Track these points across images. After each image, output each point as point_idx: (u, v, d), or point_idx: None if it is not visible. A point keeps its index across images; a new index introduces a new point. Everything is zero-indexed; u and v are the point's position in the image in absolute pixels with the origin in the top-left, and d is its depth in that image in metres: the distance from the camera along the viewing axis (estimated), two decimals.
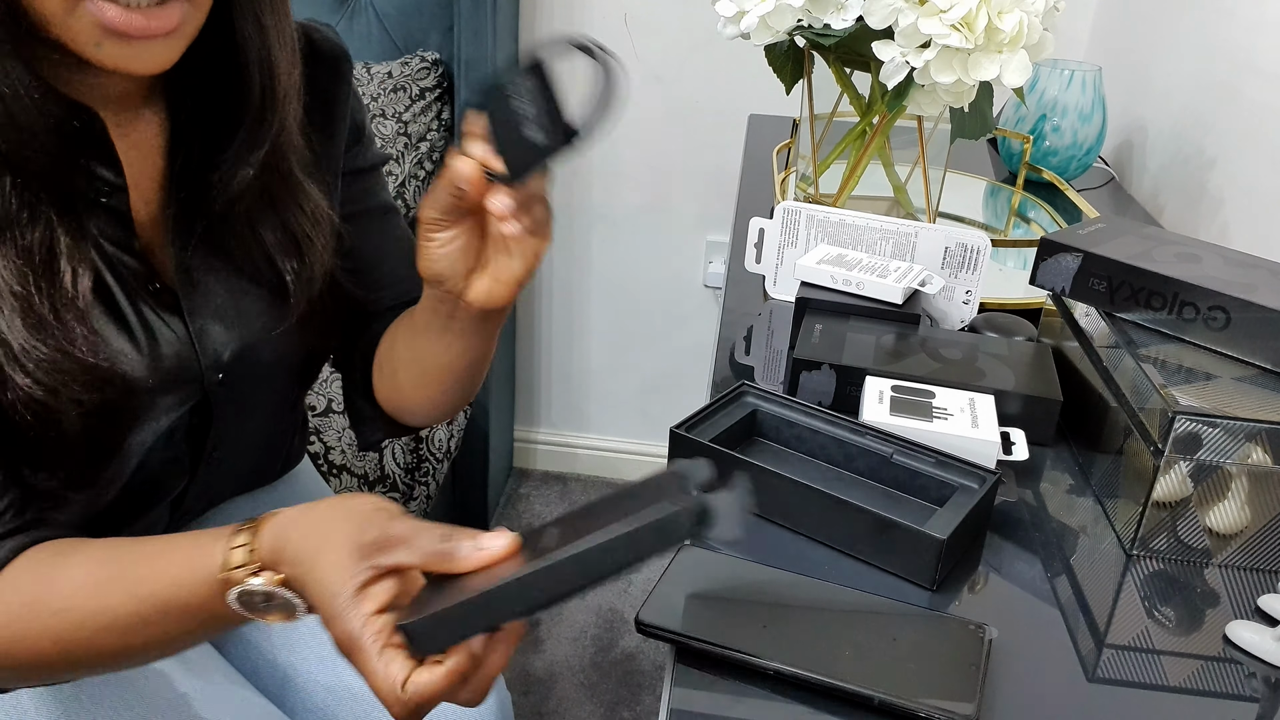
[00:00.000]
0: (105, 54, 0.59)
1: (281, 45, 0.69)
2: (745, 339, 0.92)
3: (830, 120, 1.08)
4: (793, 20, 0.94)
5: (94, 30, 0.58)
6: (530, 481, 2.09)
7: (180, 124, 0.71)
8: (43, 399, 0.60)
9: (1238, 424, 0.64)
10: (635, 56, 1.76)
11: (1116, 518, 0.71)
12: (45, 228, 0.62)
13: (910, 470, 0.70)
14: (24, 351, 0.59)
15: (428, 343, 0.74)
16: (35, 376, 0.60)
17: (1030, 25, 0.88)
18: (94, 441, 0.66)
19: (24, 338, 0.59)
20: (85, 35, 0.58)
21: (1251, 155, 1.11)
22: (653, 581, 0.61)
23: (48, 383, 0.60)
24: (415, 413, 0.83)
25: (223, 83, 0.69)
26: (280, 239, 0.73)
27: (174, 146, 0.71)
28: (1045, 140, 1.34)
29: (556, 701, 1.57)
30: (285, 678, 0.87)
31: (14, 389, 0.60)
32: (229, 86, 0.69)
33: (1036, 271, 0.82)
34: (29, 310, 0.60)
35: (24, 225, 0.61)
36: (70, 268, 0.62)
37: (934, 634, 0.58)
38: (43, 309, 0.60)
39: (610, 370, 2.03)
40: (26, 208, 0.61)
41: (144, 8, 0.58)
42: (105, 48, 0.59)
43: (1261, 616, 0.64)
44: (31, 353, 0.60)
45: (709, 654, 0.57)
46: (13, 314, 0.59)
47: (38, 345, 0.60)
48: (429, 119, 1.59)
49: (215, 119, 0.70)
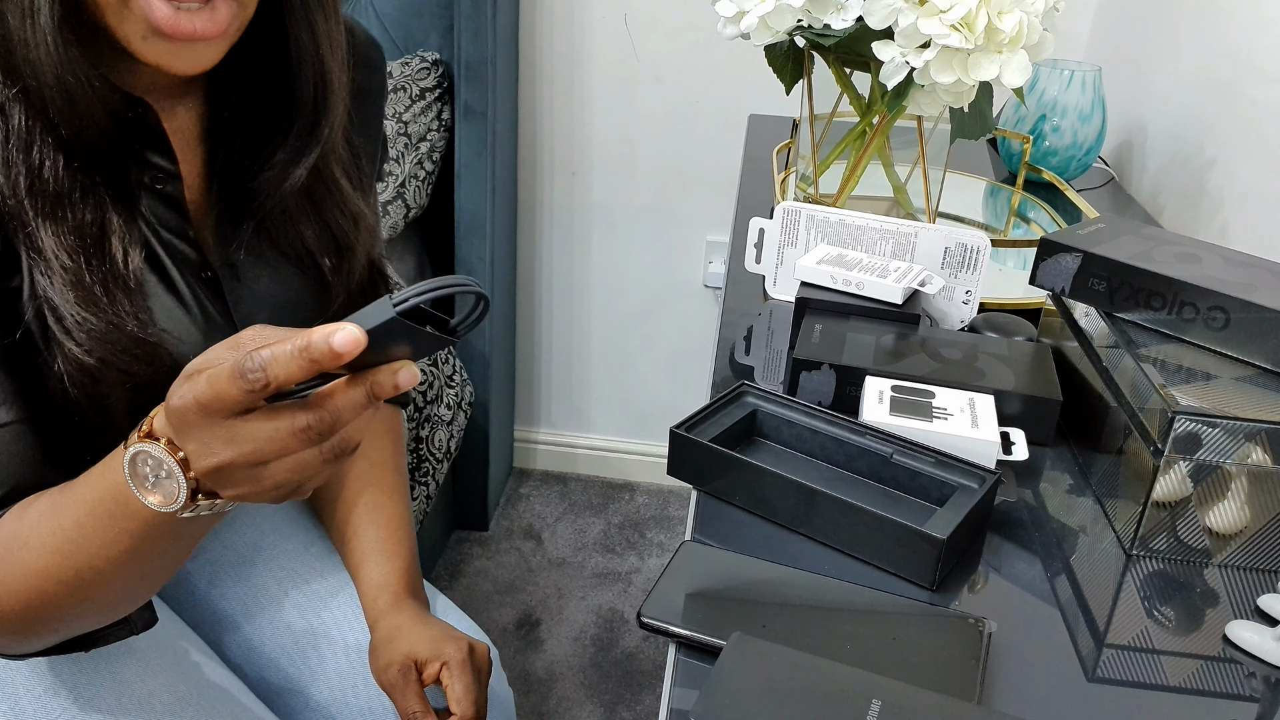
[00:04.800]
0: (150, 49, 0.61)
1: (334, 51, 0.71)
2: (745, 339, 0.92)
3: (830, 120, 1.08)
4: (793, 20, 0.94)
5: (142, 25, 0.60)
6: (530, 481, 2.09)
7: (221, 119, 0.73)
8: (93, 368, 0.62)
9: (1237, 424, 0.64)
10: (635, 56, 1.76)
11: (1116, 518, 0.71)
12: (98, 208, 0.64)
13: (910, 470, 0.70)
14: (76, 324, 0.62)
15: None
16: (86, 347, 0.62)
17: (1030, 25, 0.88)
18: (140, 418, 0.67)
19: (75, 310, 0.62)
20: (133, 28, 0.60)
21: (1251, 155, 1.11)
22: (654, 578, 0.61)
23: (98, 353, 0.62)
24: None
25: (271, 84, 0.70)
26: (320, 235, 0.75)
27: (213, 139, 0.73)
28: (1045, 140, 1.34)
29: (556, 701, 1.57)
30: (285, 680, 0.87)
31: (67, 358, 0.62)
32: (277, 88, 0.70)
33: (1036, 271, 0.82)
34: (79, 284, 0.62)
35: (77, 204, 0.63)
36: (121, 246, 0.65)
37: (934, 629, 0.58)
38: (92, 284, 0.63)
39: (610, 370, 2.03)
40: (80, 188, 0.63)
41: (192, 10, 0.60)
42: (150, 43, 0.61)
43: (1261, 616, 0.64)
44: (83, 324, 0.62)
45: (710, 650, 0.57)
46: (65, 287, 0.62)
47: (89, 318, 0.62)
48: (429, 119, 1.59)
49: (261, 118, 0.71)
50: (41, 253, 0.62)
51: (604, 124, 1.82)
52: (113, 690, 0.75)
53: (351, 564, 0.90)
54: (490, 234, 1.70)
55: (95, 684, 0.75)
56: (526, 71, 1.80)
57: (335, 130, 0.73)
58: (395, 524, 0.91)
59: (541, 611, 1.74)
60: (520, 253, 1.94)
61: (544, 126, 1.84)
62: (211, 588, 0.90)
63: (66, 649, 0.67)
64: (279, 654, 0.88)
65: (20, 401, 0.63)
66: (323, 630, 0.88)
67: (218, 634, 0.89)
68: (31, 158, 0.61)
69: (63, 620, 0.63)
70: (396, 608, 0.85)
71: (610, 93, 1.80)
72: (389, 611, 0.85)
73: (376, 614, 0.86)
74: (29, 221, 0.62)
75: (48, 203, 0.62)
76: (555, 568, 1.85)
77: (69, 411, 0.64)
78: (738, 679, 0.51)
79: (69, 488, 0.60)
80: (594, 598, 1.78)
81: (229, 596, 0.89)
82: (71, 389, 0.63)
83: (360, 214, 0.77)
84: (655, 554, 1.90)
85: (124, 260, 0.65)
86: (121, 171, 0.66)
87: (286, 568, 0.91)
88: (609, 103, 1.80)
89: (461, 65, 1.59)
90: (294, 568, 0.91)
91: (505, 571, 1.83)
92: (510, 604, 1.76)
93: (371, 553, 0.89)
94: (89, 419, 0.65)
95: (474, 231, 1.68)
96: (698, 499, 0.71)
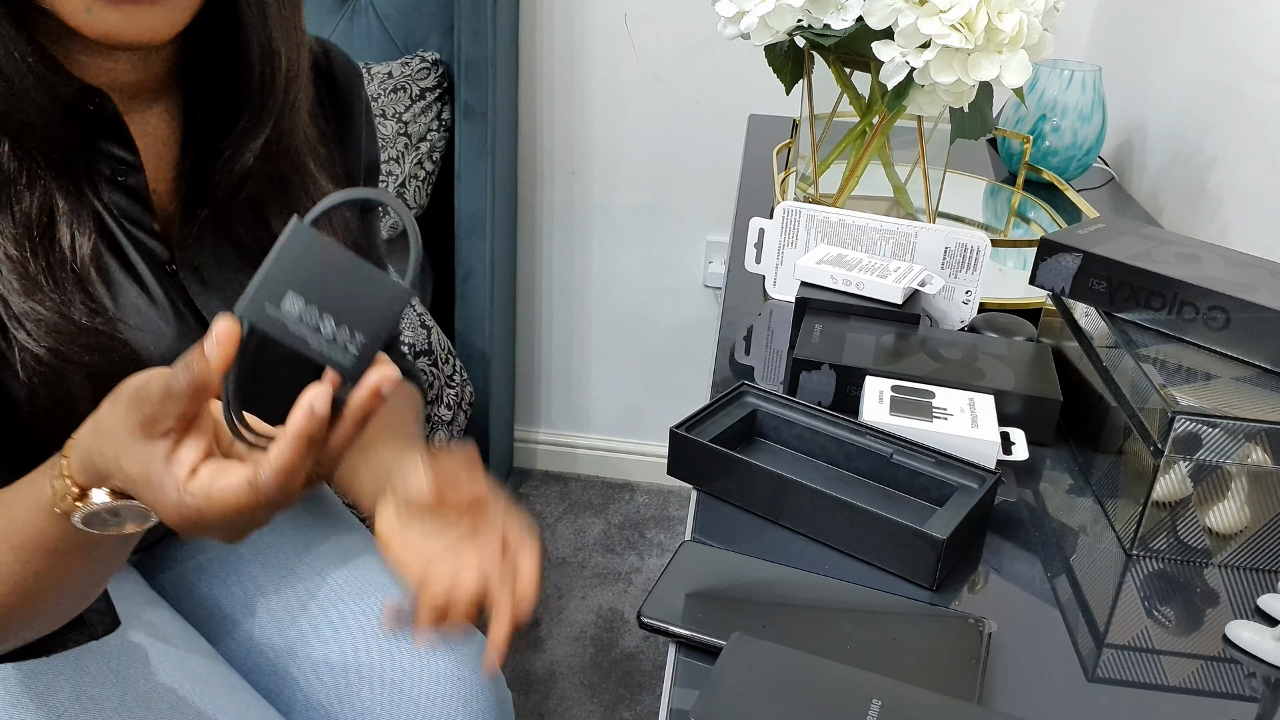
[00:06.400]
0: (96, 20, 0.60)
1: (286, 34, 0.70)
2: (745, 339, 0.92)
3: (830, 120, 1.08)
4: (793, 20, 0.94)
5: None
6: (530, 481, 2.09)
7: (194, 120, 0.72)
8: (43, 358, 0.62)
9: (1237, 424, 0.64)
10: (635, 56, 1.76)
11: (1116, 518, 0.71)
12: (43, 193, 0.63)
13: (910, 470, 0.70)
14: (24, 312, 0.61)
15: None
16: (35, 336, 0.62)
17: (1030, 25, 0.88)
18: None
19: (21, 299, 0.61)
20: (74, 2, 0.59)
21: (1251, 155, 1.11)
22: (654, 578, 0.61)
23: (47, 342, 0.62)
24: None
25: (229, 73, 0.70)
26: None
27: (187, 139, 0.72)
28: (1045, 140, 1.34)
29: (556, 701, 1.57)
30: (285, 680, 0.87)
31: (19, 348, 0.62)
32: (234, 76, 0.70)
33: (1036, 271, 0.82)
34: (24, 273, 0.62)
35: (22, 191, 0.62)
36: (69, 234, 0.64)
37: (934, 629, 0.58)
38: (37, 272, 0.62)
39: (610, 370, 2.03)
40: (24, 172, 0.63)
41: None
42: (95, 14, 0.60)
43: (1261, 616, 0.64)
44: (30, 314, 0.62)
45: (710, 650, 0.57)
46: (11, 275, 0.61)
47: (35, 306, 0.62)
48: (429, 119, 1.59)
49: (224, 111, 0.71)
50: None
51: (604, 124, 1.82)
52: (115, 687, 0.75)
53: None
54: (490, 234, 1.70)
55: (98, 681, 0.75)
56: (526, 71, 1.80)
57: (291, 112, 0.72)
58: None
59: (541, 611, 1.74)
60: (520, 253, 1.94)
61: (544, 126, 1.84)
62: (212, 587, 0.90)
63: (26, 654, 0.67)
64: (279, 653, 0.88)
65: None
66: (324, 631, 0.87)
67: (217, 632, 0.89)
68: None
69: (6, 633, 0.63)
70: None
71: (610, 93, 1.80)
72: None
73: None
74: None
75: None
76: (555, 568, 1.85)
77: (33, 403, 0.63)
78: (738, 679, 0.51)
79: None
80: (594, 598, 1.78)
81: (230, 597, 0.89)
82: (29, 379, 0.63)
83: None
84: (655, 554, 1.90)
85: (72, 248, 0.64)
86: (70, 157, 0.65)
87: (287, 567, 0.91)
88: (609, 103, 1.80)
89: (461, 65, 1.59)
90: (294, 567, 0.91)
91: None
92: None
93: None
94: (51, 410, 0.64)
95: (474, 231, 1.68)
96: (698, 499, 0.71)
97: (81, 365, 0.64)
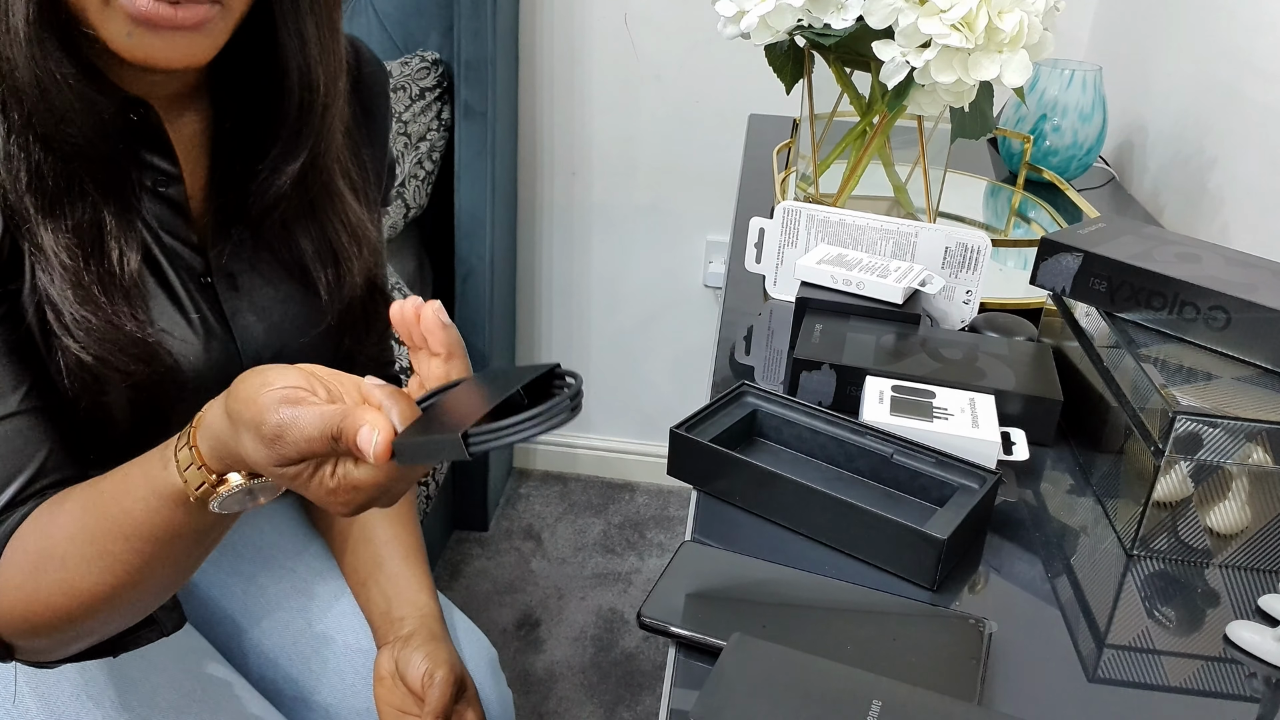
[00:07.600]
0: (135, 44, 0.61)
1: (324, 58, 0.71)
2: (745, 339, 0.92)
3: (830, 120, 1.08)
4: (793, 20, 0.94)
5: (124, 21, 0.60)
6: (530, 481, 2.09)
7: (224, 127, 0.73)
8: (91, 366, 0.64)
9: (1238, 424, 0.64)
10: (635, 56, 1.76)
11: (1117, 518, 0.71)
12: (91, 208, 0.65)
13: (910, 470, 0.70)
14: (74, 321, 0.63)
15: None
16: (84, 344, 0.63)
17: (1030, 25, 0.88)
18: (139, 418, 0.68)
19: (74, 308, 0.63)
20: (116, 26, 0.61)
21: (1251, 155, 1.11)
22: (654, 578, 0.61)
23: (95, 351, 0.63)
24: None
25: (264, 91, 0.71)
26: (318, 248, 0.76)
27: (216, 147, 0.73)
28: (1045, 140, 1.34)
29: (556, 701, 1.57)
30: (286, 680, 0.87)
31: (66, 354, 0.63)
32: (270, 95, 0.71)
33: (1037, 271, 0.82)
34: (78, 283, 0.63)
35: (75, 203, 0.64)
36: (118, 248, 0.65)
37: (934, 629, 0.58)
38: (90, 283, 0.64)
39: (610, 370, 2.03)
40: (73, 188, 0.64)
41: (171, 2, 0.60)
42: (135, 38, 0.61)
43: (1262, 616, 0.64)
44: (82, 323, 0.63)
45: (710, 650, 0.57)
46: (64, 284, 0.63)
47: (88, 316, 0.63)
48: (429, 119, 1.59)
49: (258, 127, 0.72)
50: (42, 249, 0.62)
51: (604, 124, 1.82)
52: (118, 687, 0.75)
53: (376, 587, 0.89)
54: (490, 234, 1.70)
55: (101, 680, 0.75)
56: (526, 71, 1.80)
57: (326, 136, 0.73)
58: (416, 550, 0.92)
59: (541, 612, 1.74)
60: (520, 253, 1.94)
61: (544, 126, 1.84)
62: (212, 587, 0.90)
63: (96, 654, 0.68)
64: (279, 653, 0.88)
65: (35, 390, 0.64)
66: (325, 632, 0.88)
67: (220, 633, 0.89)
68: (30, 154, 0.62)
69: (98, 625, 0.64)
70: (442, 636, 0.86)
71: (610, 93, 1.80)
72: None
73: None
74: (29, 218, 0.62)
75: (46, 200, 0.63)
76: (555, 568, 1.85)
77: (72, 408, 0.65)
78: (738, 679, 0.51)
79: (101, 506, 0.61)
80: (594, 598, 1.78)
81: (230, 596, 0.89)
82: (71, 385, 0.64)
83: (362, 227, 0.77)
84: (655, 554, 1.90)
85: (120, 262, 0.65)
86: (116, 173, 0.66)
87: (286, 567, 0.91)
88: (609, 103, 1.80)
89: (461, 65, 1.59)
90: (294, 567, 0.91)
91: (505, 572, 1.83)
92: (510, 604, 1.76)
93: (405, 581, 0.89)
94: (89, 415, 0.66)
95: (474, 231, 1.68)
96: (698, 499, 0.71)
97: (126, 374, 0.65)
